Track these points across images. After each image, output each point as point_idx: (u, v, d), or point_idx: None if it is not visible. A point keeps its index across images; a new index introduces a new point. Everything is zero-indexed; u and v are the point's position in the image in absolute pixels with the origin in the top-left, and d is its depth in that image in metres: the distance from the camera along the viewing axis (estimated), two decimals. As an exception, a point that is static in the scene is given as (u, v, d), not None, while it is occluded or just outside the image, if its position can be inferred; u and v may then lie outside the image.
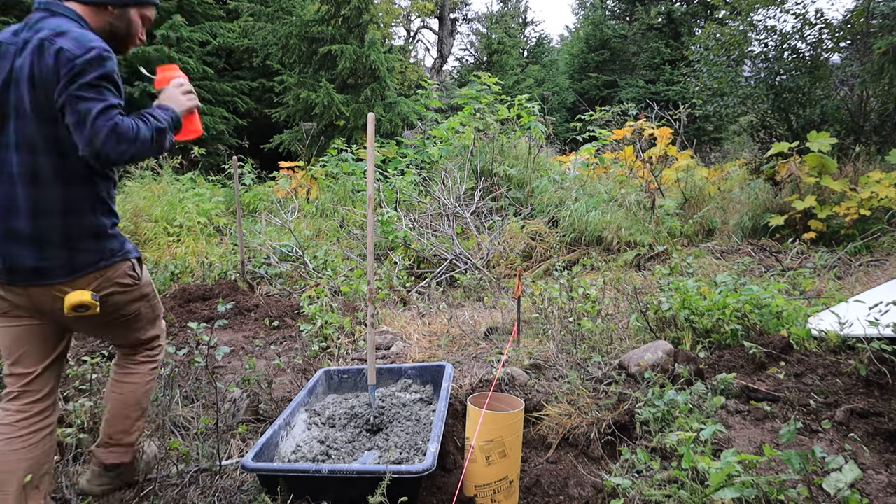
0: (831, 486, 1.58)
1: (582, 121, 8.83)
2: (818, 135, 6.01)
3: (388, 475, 1.67)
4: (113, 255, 1.67)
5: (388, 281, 4.85)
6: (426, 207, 6.52)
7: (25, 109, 1.51)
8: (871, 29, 7.30)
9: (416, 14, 24.57)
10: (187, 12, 12.68)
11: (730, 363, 2.57)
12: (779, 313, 2.86)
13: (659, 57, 18.97)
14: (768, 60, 7.70)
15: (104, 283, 1.66)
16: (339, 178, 8.45)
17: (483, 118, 7.76)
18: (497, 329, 3.64)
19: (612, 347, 2.95)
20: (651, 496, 1.73)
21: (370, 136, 2.22)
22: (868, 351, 2.24)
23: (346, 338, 3.64)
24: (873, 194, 5.51)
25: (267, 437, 2.01)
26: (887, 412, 2.04)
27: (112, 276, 1.67)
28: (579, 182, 6.88)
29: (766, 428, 2.10)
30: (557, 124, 14.52)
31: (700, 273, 4.34)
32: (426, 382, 2.70)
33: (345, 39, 12.75)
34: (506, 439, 1.92)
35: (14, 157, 1.54)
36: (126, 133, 1.47)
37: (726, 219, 6.47)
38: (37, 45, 1.51)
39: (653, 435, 2.07)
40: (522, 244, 5.77)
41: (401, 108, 12.94)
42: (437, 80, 21.80)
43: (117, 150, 1.46)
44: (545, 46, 29.38)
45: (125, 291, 1.73)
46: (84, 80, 1.46)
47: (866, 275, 4.36)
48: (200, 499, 1.99)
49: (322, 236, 6.70)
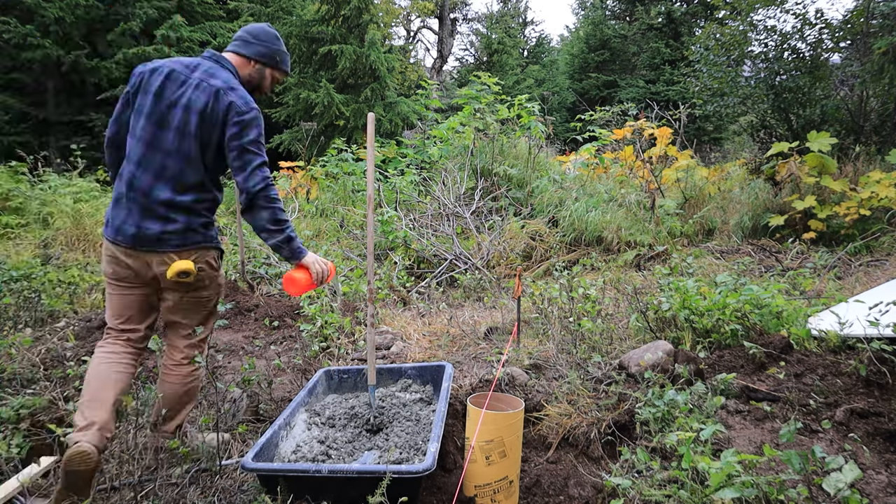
0: (831, 486, 1.58)
1: (582, 121, 8.83)
2: (818, 135, 6.01)
3: (388, 475, 1.67)
4: (210, 241, 2.15)
5: (388, 281, 4.85)
6: (426, 207, 6.52)
7: (190, 131, 2.02)
8: (871, 29, 7.29)
9: (416, 14, 24.58)
10: (187, 12, 12.69)
11: (730, 363, 2.57)
12: (779, 313, 2.86)
13: (659, 57, 18.97)
14: (768, 60, 7.69)
15: (200, 258, 2.12)
16: (339, 178, 8.45)
17: (483, 118, 7.76)
18: (497, 329, 3.64)
19: (612, 347, 2.95)
20: (651, 496, 1.73)
21: (370, 135, 2.24)
22: (868, 351, 2.24)
23: (346, 338, 3.64)
24: (873, 194, 5.51)
25: (267, 438, 2.01)
26: (887, 412, 2.04)
27: (205, 255, 2.15)
28: (579, 182, 6.88)
29: (766, 428, 2.10)
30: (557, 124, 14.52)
31: (700, 273, 4.34)
32: (426, 382, 2.70)
33: (345, 39, 12.75)
34: (506, 439, 1.92)
35: (167, 161, 2.03)
36: (270, 192, 2.04)
37: (726, 219, 6.47)
38: (214, 91, 2.03)
39: (653, 435, 2.07)
40: (522, 244, 5.77)
41: (401, 108, 12.95)
42: (437, 80, 21.80)
43: (258, 192, 2.02)
44: (545, 46, 29.37)
45: (210, 273, 2.19)
46: (251, 138, 2.03)
47: (866, 275, 4.36)
48: (200, 499, 1.99)
49: (322, 236, 6.70)
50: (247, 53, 2.21)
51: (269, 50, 2.24)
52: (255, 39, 2.23)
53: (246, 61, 2.22)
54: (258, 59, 2.22)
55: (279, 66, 2.29)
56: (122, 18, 11.59)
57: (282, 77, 2.34)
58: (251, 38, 2.23)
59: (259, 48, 2.22)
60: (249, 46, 2.22)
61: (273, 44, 2.25)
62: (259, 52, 2.22)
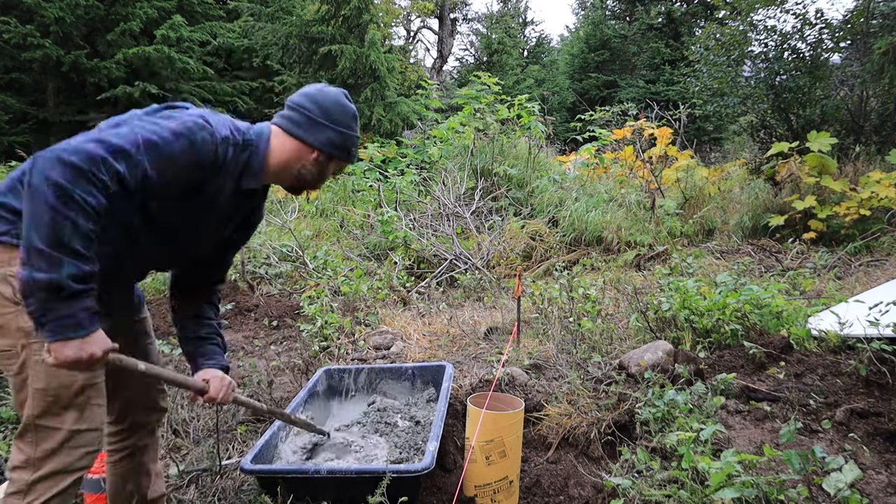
0: (831, 486, 1.58)
1: (582, 121, 8.83)
2: (818, 135, 6.01)
3: (388, 475, 1.67)
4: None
5: (388, 281, 4.85)
6: (426, 207, 6.52)
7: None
8: (871, 29, 7.30)
9: (416, 14, 24.57)
10: (187, 12, 12.70)
11: (730, 363, 2.57)
12: (779, 313, 2.86)
13: (659, 57, 18.95)
14: (768, 60, 7.69)
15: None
16: (338, 177, 8.45)
17: (483, 118, 7.76)
18: (497, 329, 3.64)
19: (612, 347, 2.95)
20: (651, 496, 1.73)
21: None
22: (868, 351, 2.24)
23: (346, 338, 3.64)
24: (873, 194, 5.51)
25: (266, 439, 2.01)
26: (887, 412, 2.04)
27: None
28: (579, 182, 6.88)
29: (766, 428, 2.10)
30: (557, 124, 14.52)
31: (700, 273, 4.34)
32: (426, 382, 2.70)
33: (345, 39, 12.74)
34: (506, 439, 1.92)
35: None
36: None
37: (726, 219, 6.47)
38: None
39: (653, 435, 2.07)
40: (522, 244, 5.77)
41: (401, 108, 12.94)
42: (437, 80, 21.80)
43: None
44: (545, 46, 29.35)
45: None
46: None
47: (866, 275, 4.36)
48: (200, 499, 1.99)
49: (322, 236, 6.70)
50: (310, 140, 1.50)
51: (341, 137, 1.53)
52: (326, 118, 1.50)
53: (305, 148, 1.51)
54: (324, 148, 1.51)
55: (350, 157, 1.58)
56: (122, 18, 11.59)
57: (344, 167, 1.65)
58: (319, 115, 1.49)
59: (331, 134, 1.51)
60: (315, 128, 1.50)
61: (348, 127, 1.54)
62: (329, 141, 1.51)
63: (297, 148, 1.50)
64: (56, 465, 1.30)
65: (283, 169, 1.51)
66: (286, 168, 1.51)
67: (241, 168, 1.45)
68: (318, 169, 1.55)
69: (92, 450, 1.36)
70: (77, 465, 1.34)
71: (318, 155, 1.51)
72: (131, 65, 11.32)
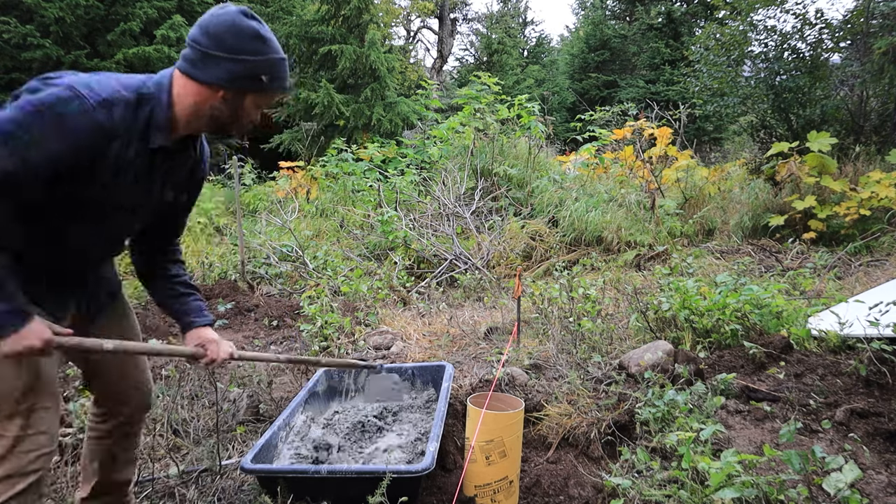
0: (831, 486, 1.58)
1: (582, 121, 8.83)
2: (818, 135, 6.01)
3: (388, 475, 1.67)
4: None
5: (388, 281, 4.85)
6: (426, 207, 6.52)
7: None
8: (871, 29, 7.30)
9: (416, 14, 24.58)
10: (187, 12, 12.68)
11: (730, 363, 2.57)
12: (779, 313, 2.86)
13: (659, 57, 18.94)
14: (768, 60, 7.69)
15: None
16: (338, 178, 8.45)
17: (483, 118, 7.76)
18: (497, 329, 3.64)
19: (612, 347, 2.95)
20: (651, 496, 1.73)
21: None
22: (868, 351, 2.24)
23: (346, 338, 3.64)
24: (873, 194, 5.51)
25: (266, 438, 2.01)
26: (887, 412, 2.04)
27: None
28: (579, 182, 6.88)
29: (766, 428, 2.10)
30: (557, 124, 14.51)
31: (700, 273, 4.34)
32: (426, 382, 2.70)
33: (345, 39, 12.75)
34: (506, 439, 1.92)
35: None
36: None
37: (726, 219, 6.47)
38: None
39: (653, 435, 2.07)
40: (522, 244, 5.77)
41: (401, 108, 12.94)
42: (437, 80, 21.79)
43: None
44: (545, 46, 29.34)
45: None
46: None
47: (866, 275, 4.36)
48: (200, 499, 1.99)
49: (322, 236, 6.70)
50: (207, 80, 1.32)
51: (244, 66, 1.32)
52: (220, 48, 1.29)
53: (207, 89, 1.33)
54: (226, 84, 1.33)
55: (265, 85, 1.36)
56: (122, 18, 11.59)
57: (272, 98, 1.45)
58: (211, 47, 1.29)
59: (229, 65, 1.31)
60: (210, 63, 1.31)
61: (252, 52, 1.32)
62: (229, 74, 1.32)
63: (199, 90, 1.33)
64: (6, 471, 1.31)
65: (193, 117, 1.37)
66: (196, 115, 1.36)
67: (144, 125, 1.31)
68: (232, 108, 1.37)
69: (44, 452, 1.36)
70: (29, 468, 1.33)
71: (224, 93, 1.33)
72: (131, 65, 11.30)
